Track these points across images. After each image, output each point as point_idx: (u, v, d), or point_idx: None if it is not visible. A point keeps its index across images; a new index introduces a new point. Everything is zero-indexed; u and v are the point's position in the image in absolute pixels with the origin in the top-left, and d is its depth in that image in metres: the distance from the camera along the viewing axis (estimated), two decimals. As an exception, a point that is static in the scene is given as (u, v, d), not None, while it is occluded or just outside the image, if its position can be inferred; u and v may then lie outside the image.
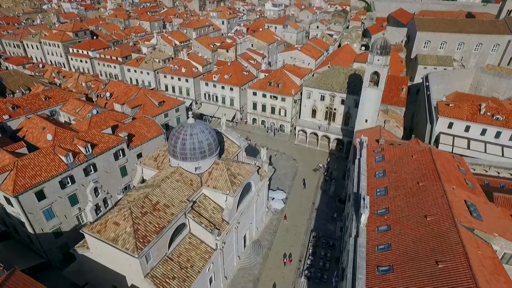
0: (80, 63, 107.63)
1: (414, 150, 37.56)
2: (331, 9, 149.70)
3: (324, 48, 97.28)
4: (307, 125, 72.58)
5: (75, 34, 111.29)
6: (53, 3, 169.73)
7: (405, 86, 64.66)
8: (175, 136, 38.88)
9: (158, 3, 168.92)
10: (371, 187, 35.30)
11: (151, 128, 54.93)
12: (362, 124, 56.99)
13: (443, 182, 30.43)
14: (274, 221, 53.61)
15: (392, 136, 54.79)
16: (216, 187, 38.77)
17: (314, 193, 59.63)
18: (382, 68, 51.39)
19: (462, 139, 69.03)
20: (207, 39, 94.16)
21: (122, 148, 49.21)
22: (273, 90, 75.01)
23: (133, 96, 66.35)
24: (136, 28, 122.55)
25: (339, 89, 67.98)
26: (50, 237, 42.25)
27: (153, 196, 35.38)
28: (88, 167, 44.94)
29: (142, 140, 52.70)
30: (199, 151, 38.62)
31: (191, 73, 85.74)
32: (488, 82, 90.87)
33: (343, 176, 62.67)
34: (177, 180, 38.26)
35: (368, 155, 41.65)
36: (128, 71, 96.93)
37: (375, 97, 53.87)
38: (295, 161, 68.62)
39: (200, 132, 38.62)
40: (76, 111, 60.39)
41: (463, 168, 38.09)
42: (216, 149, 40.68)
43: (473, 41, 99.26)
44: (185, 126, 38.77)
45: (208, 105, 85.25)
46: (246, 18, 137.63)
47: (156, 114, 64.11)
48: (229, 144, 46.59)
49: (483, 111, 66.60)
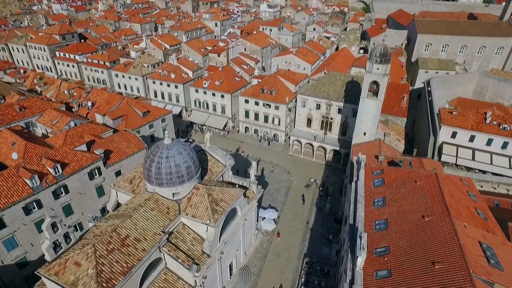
0: (67, 68, 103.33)
1: (418, 174, 33.43)
2: (328, 10, 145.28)
3: (320, 52, 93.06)
4: (302, 135, 68.41)
5: (62, 37, 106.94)
6: (43, 4, 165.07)
7: (406, 95, 60.49)
8: (149, 159, 34.69)
9: (151, 4, 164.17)
10: (370, 218, 31.16)
11: (131, 143, 50.68)
12: (360, 137, 52.85)
13: (452, 218, 26.29)
14: (265, 243, 49.47)
15: (392, 150, 50.67)
16: (195, 216, 34.60)
17: (308, 211, 55.52)
18: (382, 78, 47.21)
19: (467, 150, 65.14)
20: (198, 43, 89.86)
21: (98, 167, 45.01)
22: (266, 97, 70.82)
23: (116, 106, 62.10)
24: (126, 30, 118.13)
25: (336, 97, 63.83)
26: (12, 268, 38.01)
27: (123, 229, 31.18)
28: (58, 189, 40.74)
29: (121, 156, 48.46)
30: (176, 176, 34.42)
31: (181, 79, 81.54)
32: (492, 87, 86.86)
33: (340, 191, 58.56)
34: (151, 208, 34.06)
35: (366, 177, 37.52)
36: (116, 76, 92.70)
37: (374, 109, 49.71)
38: (289, 174, 64.44)
39: (178, 154, 34.39)
40: (53, 123, 56.15)
41: (472, 193, 33.95)
42: (197, 172, 36.50)
43: (476, 44, 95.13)
44: (161, 148, 34.55)
45: (199, 113, 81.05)
46: (241, 20, 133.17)
47: (140, 126, 59.89)
48: (213, 163, 42.41)
49: (489, 120, 62.86)
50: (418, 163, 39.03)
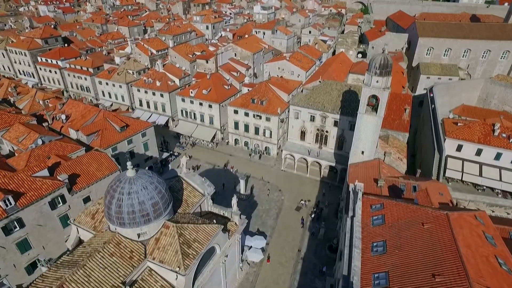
0: (49, 74, 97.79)
1: (425, 214, 28.26)
2: (325, 12, 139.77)
3: (316, 57, 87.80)
4: (295, 149, 63.19)
5: (44, 41, 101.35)
6: (30, 5, 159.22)
7: (409, 107, 55.35)
8: (109, 195, 29.47)
9: (141, 6, 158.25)
10: (367, 268, 26.02)
11: (102, 165, 45.42)
12: (358, 156, 47.68)
13: (471, 280, 21.15)
14: (251, 275, 44.28)
15: (393, 171, 45.55)
16: (163, 261, 29.40)
17: (300, 236, 50.34)
18: (382, 92, 41.99)
19: (473, 164, 60.19)
20: (186, 48, 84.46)
21: (61, 194, 39.76)
22: (257, 108, 65.56)
23: (91, 120, 56.82)
24: (114, 34, 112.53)
25: (332, 109, 58.66)
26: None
27: (72, 283, 26.00)
28: (10, 224, 35.51)
29: (90, 180, 43.24)
30: (140, 215, 29.23)
31: (167, 87, 76.21)
32: (498, 94, 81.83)
33: (336, 213, 53.39)
34: (111, 254, 28.83)
35: (363, 211, 32.37)
36: (99, 83, 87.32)
37: (373, 126, 44.51)
38: (280, 193, 59.23)
39: (142, 189, 29.17)
40: (19, 140, 50.88)
41: (489, 233, 28.79)
42: (166, 207, 31.29)
43: (480, 47, 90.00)
44: (122, 181, 29.31)
45: (186, 123, 75.75)
46: (233, 22, 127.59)
47: (117, 142, 54.73)
48: (189, 191, 37.19)
49: (498, 132, 58.05)
50: (423, 192, 33.87)
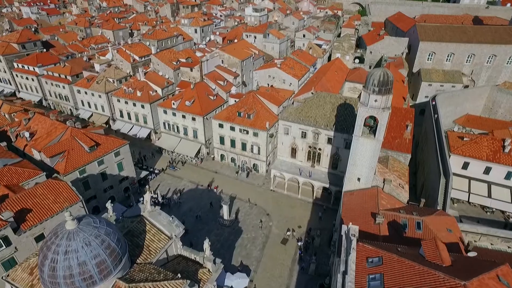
0: (26, 81, 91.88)
1: (436, 282, 22.48)
2: (320, 13, 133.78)
3: (310, 63, 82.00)
4: (285, 168, 57.45)
5: (21, 46, 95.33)
6: (14, 7, 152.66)
7: (411, 124, 49.67)
8: (42, 253, 23.69)
9: (128, 8, 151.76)
10: None
11: (60, 195, 39.55)
12: (353, 183, 41.96)
13: None
14: (232, 322, 38.66)
15: (394, 201, 39.87)
16: (110, 336, 23.70)
17: (289, 270, 44.66)
18: (381, 113, 36.25)
19: (481, 184, 54.99)
20: (170, 54, 78.51)
21: (4, 236, 33.96)
22: (243, 122, 59.81)
23: (57, 139, 50.90)
24: (97, 38, 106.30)
25: (325, 125, 52.98)
26: None
27: None
28: None
29: (44, 216, 37.41)
30: (81, 278, 23.45)
31: (148, 98, 70.38)
32: (505, 103, 76.58)
33: (329, 243, 47.70)
34: (42, 329, 23.10)
35: (358, 264, 26.67)
36: (78, 92, 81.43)
37: (370, 150, 38.77)
38: (268, 218, 53.51)
39: (84, 246, 23.38)
40: (-30, 165, 44.96)
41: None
42: (119, 263, 25.51)
43: (485, 52, 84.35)
44: (59, 236, 23.52)
45: (169, 137, 69.93)
46: (224, 25, 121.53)
47: (85, 163, 48.88)
48: (153, 234, 31.39)
49: (508, 149, 52.81)
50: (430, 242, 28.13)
